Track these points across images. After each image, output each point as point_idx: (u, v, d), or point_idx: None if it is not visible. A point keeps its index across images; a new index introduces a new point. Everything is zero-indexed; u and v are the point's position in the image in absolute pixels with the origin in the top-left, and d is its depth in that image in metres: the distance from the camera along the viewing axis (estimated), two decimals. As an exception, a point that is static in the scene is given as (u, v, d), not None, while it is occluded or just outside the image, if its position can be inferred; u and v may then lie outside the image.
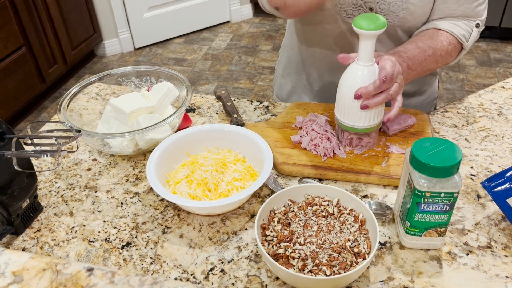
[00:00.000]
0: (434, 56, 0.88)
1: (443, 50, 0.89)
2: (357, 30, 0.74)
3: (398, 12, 0.89)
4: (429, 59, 0.88)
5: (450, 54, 0.91)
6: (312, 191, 0.73)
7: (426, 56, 0.87)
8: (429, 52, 0.87)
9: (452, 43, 0.90)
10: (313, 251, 0.64)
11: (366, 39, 0.75)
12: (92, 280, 0.44)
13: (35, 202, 0.77)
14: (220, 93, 1.02)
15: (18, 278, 0.45)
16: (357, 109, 0.79)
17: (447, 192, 0.62)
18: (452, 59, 0.93)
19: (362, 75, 0.77)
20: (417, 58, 0.86)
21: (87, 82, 0.95)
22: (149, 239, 0.73)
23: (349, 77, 0.79)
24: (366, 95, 0.76)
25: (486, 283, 0.64)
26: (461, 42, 0.91)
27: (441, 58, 0.90)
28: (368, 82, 0.77)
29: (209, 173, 0.77)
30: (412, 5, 0.89)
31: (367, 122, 0.80)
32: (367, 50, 0.76)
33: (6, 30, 2.34)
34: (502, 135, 0.91)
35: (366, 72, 0.77)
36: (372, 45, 0.76)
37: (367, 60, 0.77)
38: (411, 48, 0.87)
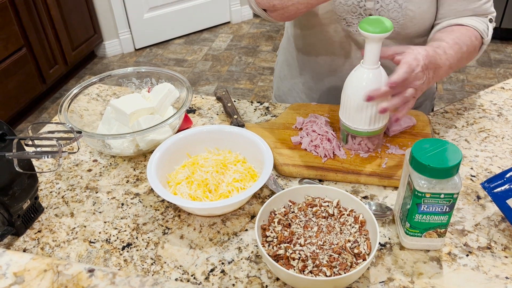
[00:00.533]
0: (467, 52, 0.88)
1: (472, 46, 0.89)
2: (363, 33, 0.74)
3: (398, 19, 0.90)
4: (464, 56, 0.87)
5: (476, 50, 0.92)
6: (312, 192, 0.73)
7: (462, 53, 0.86)
8: (464, 49, 0.86)
9: (477, 38, 0.90)
10: (313, 252, 0.64)
11: (372, 42, 0.75)
12: (93, 281, 0.44)
13: (36, 203, 0.77)
14: (220, 94, 1.02)
15: (19, 279, 0.45)
16: (363, 112, 0.79)
17: (447, 193, 0.62)
18: (477, 53, 0.93)
19: (367, 78, 0.77)
20: (457, 55, 0.85)
21: (88, 83, 0.95)
22: (149, 240, 0.73)
23: (354, 80, 0.79)
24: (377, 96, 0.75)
25: (486, 284, 0.64)
26: (483, 37, 0.91)
27: (470, 55, 0.90)
28: (374, 85, 0.77)
29: (209, 174, 0.78)
30: (411, 12, 0.89)
31: (372, 124, 0.80)
32: (373, 53, 0.76)
33: (6, 31, 2.34)
34: (502, 136, 0.91)
35: (371, 75, 0.77)
36: (378, 48, 0.76)
37: (372, 63, 0.77)
38: (452, 43, 0.85)
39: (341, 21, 0.93)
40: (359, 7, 0.91)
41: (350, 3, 0.90)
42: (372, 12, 0.90)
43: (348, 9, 0.91)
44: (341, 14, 0.92)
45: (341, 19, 0.93)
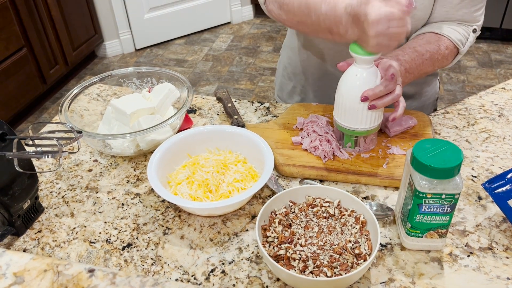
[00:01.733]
0: (431, 60, 0.89)
1: (439, 54, 0.90)
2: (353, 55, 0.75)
3: None
4: (426, 63, 0.88)
5: (447, 58, 0.92)
6: (313, 192, 0.73)
7: (423, 59, 0.88)
8: (426, 55, 0.88)
9: (449, 47, 0.91)
10: (314, 253, 0.64)
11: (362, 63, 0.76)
12: (93, 281, 0.44)
13: (36, 203, 0.77)
14: (220, 95, 1.02)
15: (19, 279, 0.45)
16: (357, 111, 0.79)
17: (448, 193, 0.62)
18: (448, 62, 0.94)
19: (361, 77, 0.77)
20: (414, 61, 0.87)
21: (88, 83, 0.95)
22: (150, 240, 0.73)
23: (348, 80, 0.79)
24: (373, 97, 0.76)
25: (487, 284, 0.64)
26: (458, 47, 0.92)
27: (437, 62, 0.90)
28: (368, 84, 0.77)
29: (210, 174, 0.77)
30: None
31: (368, 124, 0.80)
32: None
33: (7, 31, 2.34)
34: (503, 137, 0.91)
35: (365, 75, 0.77)
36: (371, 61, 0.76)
37: (366, 61, 0.77)
38: (409, 51, 0.87)
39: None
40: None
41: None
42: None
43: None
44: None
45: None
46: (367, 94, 0.76)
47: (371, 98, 0.76)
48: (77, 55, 2.94)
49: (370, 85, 0.77)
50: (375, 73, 0.78)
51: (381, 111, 0.81)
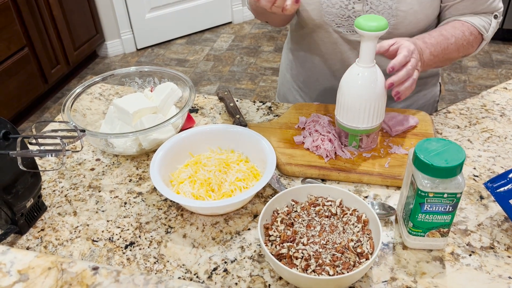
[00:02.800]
0: (456, 45, 0.89)
1: (465, 39, 0.90)
2: (358, 31, 0.74)
3: (389, 19, 0.90)
4: (451, 47, 0.89)
5: (472, 45, 0.93)
6: (315, 191, 0.73)
7: (448, 44, 0.88)
8: (452, 40, 0.89)
9: (473, 33, 0.92)
10: (316, 251, 0.64)
11: (367, 40, 0.75)
12: (97, 279, 0.44)
13: (39, 202, 0.77)
14: (222, 94, 1.03)
15: (24, 276, 0.45)
16: (359, 110, 0.79)
17: (450, 192, 0.62)
18: (474, 49, 0.95)
19: (363, 76, 0.78)
20: (440, 45, 0.87)
21: (91, 83, 0.95)
22: (152, 238, 0.73)
23: (350, 79, 0.79)
24: (398, 82, 0.77)
25: (489, 283, 0.64)
26: (482, 33, 0.93)
27: (462, 48, 0.91)
28: (370, 83, 0.77)
29: (212, 173, 0.78)
30: (402, 13, 0.89)
31: (369, 123, 0.81)
32: (368, 51, 0.76)
33: (8, 31, 2.35)
34: (505, 136, 0.91)
35: (366, 74, 0.78)
36: (373, 46, 0.76)
37: (368, 61, 0.77)
38: (435, 35, 0.88)
39: (330, 23, 0.94)
40: (347, 10, 0.91)
41: (337, 7, 0.91)
42: (361, 14, 0.91)
43: (336, 12, 0.92)
44: (329, 17, 0.93)
45: (330, 21, 0.94)
46: (392, 80, 0.77)
47: (396, 84, 0.77)
48: (78, 55, 2.94)
49: (371, 84, 0.77)
50: (377, 72, 0.78)
51: (382, 110, 0.81)
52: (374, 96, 0.78)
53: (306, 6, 0.94)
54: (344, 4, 0.91)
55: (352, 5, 0.90)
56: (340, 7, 0.91)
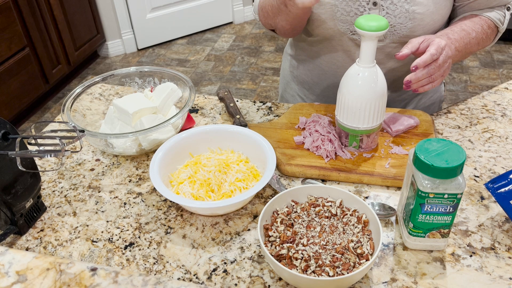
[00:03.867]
0: (476, 39, 0.91)
1: (484, 33, 0.92)
2: (359, 31, 0.74)
3: (405, 23, 0.90)
4: (473, 42, 0.90)
5: (489, 38, 0.95)
6: (315, 192, 0.73)
7: (470, 38, 0.89)
8: (473, 35, 0.90)
9: (490, 27, 0.93)
10: (316, 252, 0.64)
11: (368, 40, 0.75)
12: (95, 280, 0.44)
13: (39, 202, 0.77)
14: (222, 95, 1.02)
15: (22, 277, 0.45)
16: (359, 110, 0.79)
17: (450, 193, 0.62)
18: (490, 41, 0.96)
19: (363, 76, 0.77)
20: (463, 40, 0.88)
21: (91, 83, 0.95)
22: (152, 239, 0.73)
23: (350, 79, 0.79)
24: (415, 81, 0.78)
25: (489, 284, 0.64)
26: (497, 26, 0.94)
27: (482, 41, 0.93)
28: (370, 84, 0.77)
29: (212, 173, 0.77)
30: (419, 15, 0.89)
31: (370, 123, 0.80)
32: (369, 51, 0.76)
33: (10, 31, 2.35)
34: (506, 136, 0.90)
35: (367, 74, 0.77)
36: (374, 46, 0.76)
37: (368, 61, 0.77)
38: (457, 30, 0.89)
39: (345, 31, 0.93)
40: None
41: (352, 14, 0.90)
42: None
43: (351, 19, 0.91)
44: (343, 25, 0.92)
45: (345, 30, 0.93)
46: (410, 78, 0.77)
47: (414, 82, 0.78)
48: (79, 55, 2.95)
49: (372, 84, 0.77)
50: (377, 73, 0.78)
51: (383, 110, 0.81)
52: (375, 96, 0.78)
53: (319, 15, 0.93)
54: (360, 12, 0.90)
55: (368, 12, 0.90)
56: (355, 14, 0.90)
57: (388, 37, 0.93)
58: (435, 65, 0.79)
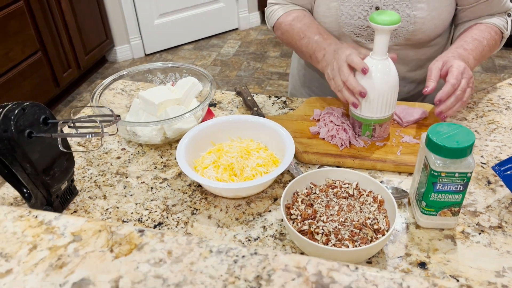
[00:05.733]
0: (488, 46, 0.97)
1: (492, 39, 0.98)
2: (373, 25, 0.79)
3: (407, 27, 0.96)
4: (486, 49, 0.97)
5: (497, 43, 1.01)
6: (333, 175, 0.77)
7: (483, 46, 0.96)
8: (484, 42, 0.96)
9: (497, 33, 1.00)
10: (335, 228, 0.68)
11: (381, 34, 0.80)
12: (144, 239, 0.49)
13: (72, 186, 0.82)
14: (240, 89, 1.08)
15: (77, 237, 0.49)
16: (372, 101, 0.84)
17: (461, 172, 0.66)
18: (498, 46, 1.03)
19: (376, 69, 0.83)
20: (478, 49, 0.94)
21: (117, 76, 1.00)
22: (179, 219, 0.78)
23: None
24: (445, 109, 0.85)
25: (498, 258, 0.68)
26: (502, 32, 1.00)
27: (492, 47, 0.99)
28: (383, 75, 0.82)
29: (234, 159, 0.82)
30: (420, 19, 0.95)
31: (383, 113, 0.85)
32: (382, 44, 0.81)
33: (23, 35, 2.41)
34: (510, 127, 0.95)
35: (380, 66, 0.83)
36: (386, 40, 0.81)
37: (381, 54, 0.82)
38: (470, 40, 0.95)
39: (349, 34, 1.00)
40: (366, 20, 0.97)
41: (356, 18, 0.97)
42: None
43: (355, 23, 0.97)
44: (348, 28, 0.99)
45: (349, 32, 0.99)
46: (440, 109, 0.85)
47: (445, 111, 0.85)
48: (89, 60, 3.01)
49: (384, 76, 0.82)
50: (389, 65, 0.83)
51: (395, 100, 0.86)
52: (387, 87, 0.83)
53: (324, 18, 1.00)
54: (363, 15, 0.96)
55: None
56: (358, 18, 0.97)
57: (390, 39, 0.99)
58: (461, 90, 0.84)
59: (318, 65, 0.95)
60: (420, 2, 0.94)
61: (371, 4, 0.95)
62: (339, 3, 0.97)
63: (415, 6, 0.94)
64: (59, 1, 2.65)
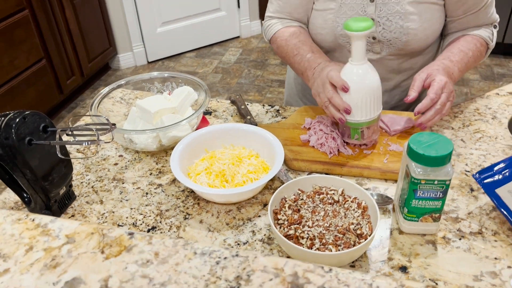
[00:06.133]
0: (473, 57, 1.01)
1: (478, 51, 1.02)
2: (348, 32, 0.83)
3: (400, 37, 1.00)
4: (471, 60, 1.00)
5: (482, 54, 1.04)
6: (320, 181, 0.81)
7: (468, 58, 0.99)
8: (470, 54, 1.00)
9: (482, 44, 1.03)
10: (320, 233, 0.71)
11: (358, 40, 0.84)
12: (133, 242, 0.52)
13: (70, 191, 0.85)
14: (234, 98, 1.11)
15: (71, 239, 0.53)
16: (356, 104, 0.87)
17: (440, 179, 0.69)
18: (483, 57, 1.06)
19: (357, 73, 0.86)
20: (463, 60, 0.98)
21: (116, 86, 1.04)
22: (172, 224, 0.81)
23: (346, 78, 0.87)
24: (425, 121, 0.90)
25: (476, 263, 0.71)
26: (488, 43, 1.04)
27: (477, 58, 1.03)
28: (362, 79, 0.86)
29: (226, 165, 0.86)
30: (413, 30, 0.99)
31: (369, 115, 0.88)
32: (360, 50, 0.85)
33: (28, 43, 2.47)
34: (495, 137, 0.98)
35: (360, 71, 0.86)
36: (364, 44, 0.85)
37: (360, 59, 0.86)
38: (456, 52, 0.99)
39: (345, 45, 1.04)
40: None
41: None
42: (375, 34, 1.00)
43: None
44: (343, 39, 1.02)
45: (344, 43, 1.03)
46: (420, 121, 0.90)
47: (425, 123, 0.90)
48: (92, 67, 3.06)
49: (365, 79, 0.86)
50: (369, 69, 0.87)
51: (379, 101, 0.88)
52: (369, 90, 0.86)
53: (321, 30, 1.04)
54: None
55: None
56: None
57: (384, 49, 1.03)
58: (441, 104, 0.89)
59: (308, 83, 0.99)
60: (412, 14, 0.97)
61: (366, 16, 0.99)
62: (336, 15, 1.01)
63: (407, 17, 0.98)
64: (64, 9, 2.71)
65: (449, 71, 0.94)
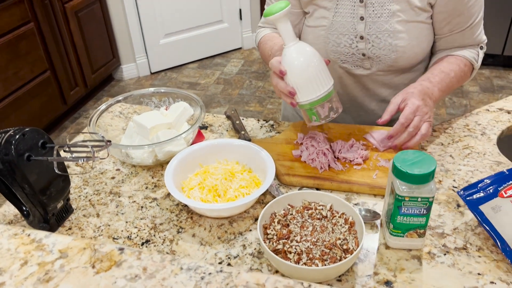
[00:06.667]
0: (456, 77, 1.03)
1: (461, 71, 1.04)
2: (271, 18, 0.86)
3: (389, 54, 1.03)
4: (453, 81, 1.02)
5: (466, 75, 1.07)
6: (309, 197, 0.83)
7: (450, 78, 1.02)
8: (452, 74, 1.02)
9: (467, 65, 1.05)
10: (307, 248, 0.74)
11: (280, 22, 0.87)
12: (123, 257, 0.55)
13: (67, 204, 0.88)
14: (229, 113, 1.14)
15: (64, 254, 0.55)
16: (305, 81, 0.88)
17: (423, 197, 0.72)
18: (468, 77, 1.08)
19: (292, 54, 0.89)
20: (444, 81, 1.00)
21: (113, 102, 1.07)
22: (165, 237, 0.83)
23: (285, 60, 0.89)
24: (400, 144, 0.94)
25: (460, 278, 0.73)
26: (472, 64, 1.06)
27: (461, 78, 1.05)
28: (299, 58, 0.88)
29: (219, 180, 0.88)
30: (401, 48, 1.02)
31: (319, 91, 0.89)
32: (286, 31, 0.88)
33: (33, 55, 2.52)
34: (484, 153, 1.00)
35: (294, 52, 0.89)
36: (288, 26, 0.87)
37: (291, 39, 0.89)
38: (437, 73, 1.01)
39: (336, 60, 1.07)
40: (351, 48, 1.04)
41: (342, 46, 1.04)
42: (364, 51, 1.03)
43: (341, 50, 1.05)
44: (334, 55, 1.06)
45: (335, 58, 1.07)
46: (394, 144, 0.94)
47: (399, 145, 0.93)
48: (95, 78, 3.11)
49: (302, 57, 0.88)
50: (303, 46, 0.89)
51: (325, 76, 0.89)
52: (307, 66, 0.88)
53: (313, 45, 1.06)
54: (348, 43, 1.04)
55: (356, 44, 1.03)
56: (344, 46, 1.04)
57: (374, 66, 1.06)
58: (413, 127, 0.92)
59: None
60: (401, 32, 1.00)
61: (356, 34, 1.02)
62: (327, 32, 1.04)
63: (396, 35, 1.01)
64: (68, 22, 2.76)
65: (428, 92, 0.96)
